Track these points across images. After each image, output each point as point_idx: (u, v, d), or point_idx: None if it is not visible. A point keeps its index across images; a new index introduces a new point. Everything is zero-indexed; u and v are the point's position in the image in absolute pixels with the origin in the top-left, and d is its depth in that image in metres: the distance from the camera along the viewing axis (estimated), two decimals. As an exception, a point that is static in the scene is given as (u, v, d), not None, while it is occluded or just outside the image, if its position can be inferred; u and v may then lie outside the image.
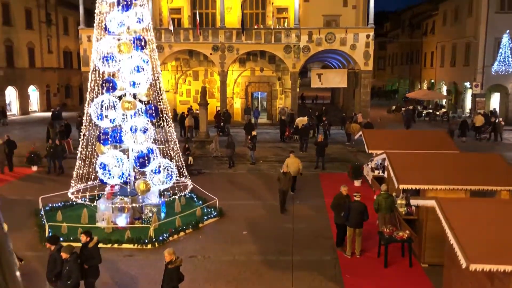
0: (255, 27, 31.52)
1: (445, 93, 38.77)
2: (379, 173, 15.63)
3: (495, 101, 34.12)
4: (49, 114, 38.34)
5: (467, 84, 34.53)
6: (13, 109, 36.88)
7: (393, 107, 39.74)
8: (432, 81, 42.98)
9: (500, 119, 25.73)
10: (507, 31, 30.03)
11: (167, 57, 31.58)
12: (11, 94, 36.68)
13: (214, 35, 30.61)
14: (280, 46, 30.33)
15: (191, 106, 31.41)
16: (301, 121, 26.56)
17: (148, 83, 13.47)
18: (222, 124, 27.08)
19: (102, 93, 13.02)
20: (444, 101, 39.11)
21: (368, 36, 29.75)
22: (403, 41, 54.32)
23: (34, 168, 18.91)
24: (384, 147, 13.09)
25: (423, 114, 36.53)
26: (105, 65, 12.99)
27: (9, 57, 35.63)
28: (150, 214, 12.76)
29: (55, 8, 41.60)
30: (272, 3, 31.62)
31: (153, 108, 13.44)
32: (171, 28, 29.99)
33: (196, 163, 19.79)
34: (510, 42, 29.86)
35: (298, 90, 37.42)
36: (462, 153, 12.81)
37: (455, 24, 36.64)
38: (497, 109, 32.34)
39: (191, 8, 32.79)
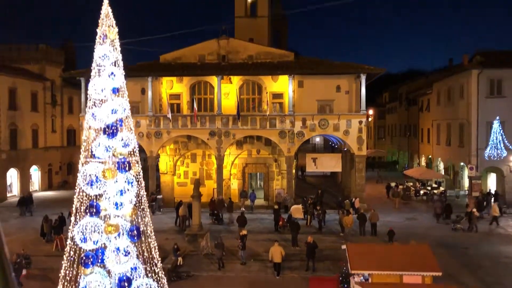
0: (251, 112, 32.45)
1: (442, 171, 38.91)
2: None
3: (492, 181, 34.19)
4: (50, 193, 38.94)
5: (463, 164, 34.74)
6: (14, 190, 37.37)
7: (393, 184, 39.65)
8: (430, 157, 43.29)
9: (474, 210, 25.33)
10: (497, 117, 30.62)
11: (165, 142, 32.35)
12: (12, 175, 37.32)
13: (211, 121, 31.50)
14: (275, 131, 31.05)
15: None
16: (296, 209, 26.66)
17: (133, 203, 13.75)
18: (216, 212, 27.18)
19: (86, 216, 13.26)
20: (442, 179, 39.12)
21: (360, 122, 30.45)
22: (401, 113, 55.33)
23: (24, 272, 18.85)
24: (368, 267, 13.03)
25: (421, 193, 36.45)
26: (90, 189, 13.32)
27: (12, 140, 36.64)
28: None
29: (61, 89, 43.21)
30: (267, 93, 32.65)
31: (135, 230, 13.62)
32: (169, 116, 30.93)
33: (186, 263, 19.71)
34: (500, 128, 30.36)
35: (296, 163, 37.86)
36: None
37: (449, 105, 37.46)
38: (492, 190, 32.38)
39: (190, 94, 33.93)
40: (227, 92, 33.16)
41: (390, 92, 66.62)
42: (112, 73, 13.54)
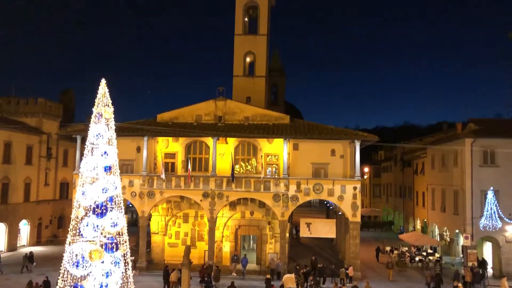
0: (245, 174, 32.40)
1: (437, 237, 38.46)
2: None
3: (487, 250, 33.72)
4: (38, 248, 37.98)
5: (458, 231, 34.39)
6: (0, 245, 36.50)
7: (387, 249, 39.09)
8: (425, 220, 42.94)
9: (460, 284, 24.62)
10: (491, 187, 30.64)
11: (158, 202, 32.02)
12: (0, 230, 36.59)
13: (205, 182, 31.34)
14: (269, 194, 30.85)
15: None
16: (288, 278, 25.98)
17: (119, 285, 13.39)
18: (206, 278, 26.45)
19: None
20: (437, 245, 38.58)
21: (355, 188, 30.35)
22: (396, 174, 55.41)
23: None
24: None
25: (416, 260, 35.83)
26: (76, 270, 12.99)
27: (4, 194, 36.24)
28: None
29: (56, 142, 43.21)
30: (261, 156, 32.77)
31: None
32: (163, 176, 30.81)
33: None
34: (495, 198, 30.31)
35: (291, 220, 37.39)
36: None
37: (443, 170, 37.57)
38: (488, 260, 31.91)
39: (185, 153, 33.94)
40: (223, 152, 33.22)
41: (386, 150, 67.03)
42: (105, 152, 13.58)
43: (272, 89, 66.86)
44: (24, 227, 39.56)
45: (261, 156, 32.68)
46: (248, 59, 45.45)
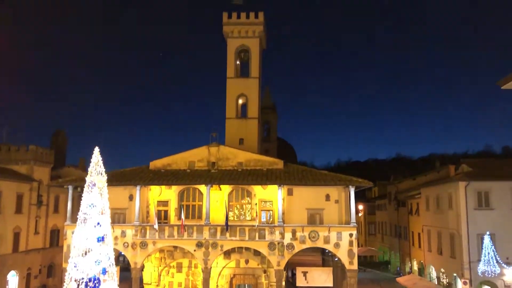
0: (240, 222, 32.00)
1: (435, 280, 37.93)
2: None
3: (487, 294, 33.23)
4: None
5: (456, 275, 33.94)
6: (-12, 299, 35.40)
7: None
8: (422, 262, 42.43)
9: None
10: (488, 232, 30.50)
11: (151, 252, 31.36)
12: (-12, 284, 35.57)
13: (198, 231, 30.81)
14: (264, 243, 30.34)
15: None
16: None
17: None
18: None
19: None
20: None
21: (351, 235, 30.00)
22: (391, 213, 55.11)
23: None
24: None
25: (415, 305, 35.12)
26: None
27: (-8, 246, 35.38)
28: None
29: (47, 189, 42.61)
30: (256, 204, 32.50)
31: None
32: (156, 226, 30.31)
33: None
34: (491, 243, 30.13)
35: (287, 263, 36.67)
36: None
37: (438, 212, 37.43)
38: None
39: (178, 201, 33.56)
40: (216, 199, 32.89)
41: (379, 186, 66.86)
42: (98, 223, 13.29)
43: (264, 126, 67.40)
44: (13, 278, 38.43)
45: (256, 203, 32.36)
46: (240, 101, 45.83)
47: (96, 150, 13.72)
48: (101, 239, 13.19)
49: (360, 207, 67.88)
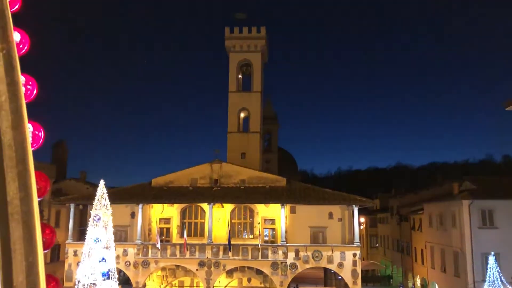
0: (242, 241, 31.80)
1: (439, 298, 37.62)
2: None
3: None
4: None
5: (461, 294, 33.65)
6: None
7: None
8: (425, 278, 42.11)
9: None
10: (492, 252, 30.27)
11: (153, 271, 31.14)
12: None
13: (201, 250, 30.64)
14: (267, 262, 30.15)
15: None
16: None
17: None
18: None
19: None
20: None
21: (355, 255, 29.81)
22: (393, 227, 54.77)
23: None
24: None
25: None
26: None
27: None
28: None
29: (48, 204, 42.37)
30: (259, 223, 32.34)
31: None
32: (158, 245, 30.10)
33: None
34: (496, 264, 29.86)
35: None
36: None
37: (441, 229, 37.16)
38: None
39: (180, 218, 33.41)
40: (219, 217, 32.73)
41: (381, 199, 66.51)
42: (103, 258, 13.13)
43: (265, 136, 67.36)
44: (13, 295, 38.09)
45: (259, 223, 32.17)
46: (242, 115, 45.81)
47: (102, 183, 13.59)
48: (106, 275, 13.02)
49: (362, 219, 67.51)
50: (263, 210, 32.92)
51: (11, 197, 1.38)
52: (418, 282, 44.17)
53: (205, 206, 32.29)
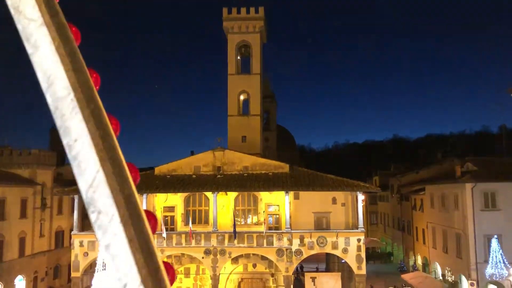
0: (247, 228, 32.00)
1: (440, 277, 38.22)
2: None
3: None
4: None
5: (462, 275, 34.19)
6: (-4, 306, 35.46)
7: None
8: (426, 257, 42.70)
9: None
10: (495, 235, 30.59)
11: (158, 259, 31.37)
12: (-5, 290, 35.58)
13: (206, 238, 30.82)
14: (273, 249, 30.42)
15: None
16: None
17: None
18: None
19: None
20: (441, 286, 38.27)
21: (359, 240, 30.08)
22: (393, 205, 55.17)
23: None
24: None
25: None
26: None
27: (-1, 252, 35.30)
28: None
29: (51, 191, 42.32)
30: (264, 211, 32.47)
31: None
32: (164, 235, 30.23)
33: None
34: (499, 246, 30.23)
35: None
36: None
37: (443, 211, 37.44)
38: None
39: (184, 206, 33.51)
40: (223, 204, 32.82)
41: (380, 177, 66.68)
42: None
43: (264, 114, 67.08)
44: (20, 282, 38.48)
45: (263, 211, 32.29)
46: (242, 98, 45.43)
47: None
48: None
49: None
50: (266, 197, 33.01)
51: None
52: (419, 261, 44.80)
53: (209, 193, 32.32)
